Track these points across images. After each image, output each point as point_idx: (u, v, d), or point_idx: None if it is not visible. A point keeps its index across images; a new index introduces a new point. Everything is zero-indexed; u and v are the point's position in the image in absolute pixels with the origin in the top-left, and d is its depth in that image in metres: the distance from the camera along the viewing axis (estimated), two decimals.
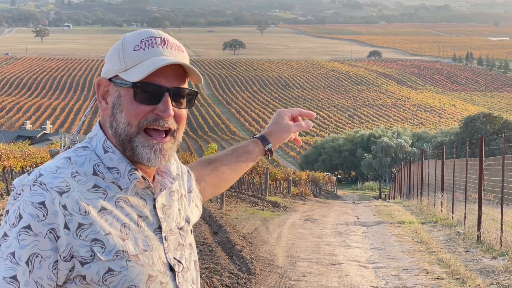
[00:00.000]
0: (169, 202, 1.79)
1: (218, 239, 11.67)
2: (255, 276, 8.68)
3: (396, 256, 10.95)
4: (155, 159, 1.68)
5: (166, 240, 1.72)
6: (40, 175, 1.61)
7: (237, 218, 15.49)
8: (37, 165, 19.78)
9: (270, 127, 2.15)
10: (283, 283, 8.59)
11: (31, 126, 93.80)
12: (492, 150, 30.73)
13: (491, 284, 8.72)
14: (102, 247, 1.59)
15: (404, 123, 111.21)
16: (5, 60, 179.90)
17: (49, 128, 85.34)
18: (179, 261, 1.74)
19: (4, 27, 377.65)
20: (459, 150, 20.66)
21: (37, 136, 69.24)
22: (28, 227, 1.55)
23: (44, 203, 1.56)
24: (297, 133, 2.19)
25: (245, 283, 8.27)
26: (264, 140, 2.14)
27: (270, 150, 2.14)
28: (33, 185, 1.59)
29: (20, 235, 1.55)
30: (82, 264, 1.58)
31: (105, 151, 1.70)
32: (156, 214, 1.72)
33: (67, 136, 35.72)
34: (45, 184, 1.59)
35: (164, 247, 1.71)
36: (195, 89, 1.75)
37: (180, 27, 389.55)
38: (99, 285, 1.59)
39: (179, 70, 1.71)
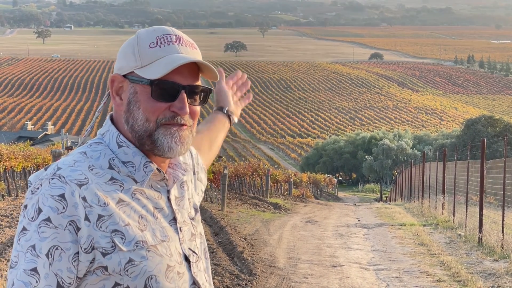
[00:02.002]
0: (181, 193, 1.83)
1: (219, 240, 11.68)
2: (256, 278, 8.68)
3: (397, 258, 10.94)
4: (176, 147, 1.71)
5: (181, 231, 1.75)
6: (59, 168, 1.63)
7: (238, 219, 15.49)
8: (38, 166, 19.78)
9: (216, 100, 2.36)
10: (284, 284, 8.59)
11: (32, 127, 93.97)
12: (494, 153, 30.76)
13: (492, 286, 8.72)
14: (122, 238, 1.61)
15: (405, 125, 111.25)
16: (7, 61, 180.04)
17: (50, 129, 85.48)
18: (193, 252, 1.77)
19: (6, 27, 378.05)
20: (460, 152, 20.66)
21: (39, 137, 69.35)
22: (48, 219, 1.56)
23: (63, 196, 1.58)
24: (244, 93, 2.44)
25: (246, 284, 8.27)
26: (219, 108, 2.33)
27: (228, 112, 2.32)
28: (52, 178, 1.61)
29: (40, 227, 1.56)
30: (104, 255, 1.60)
31: (119, 146, 1.73)
32: (171, 206, 1.76)
33: (69, 136, 35.77)
34: (64, 177, 1.61)
35: (179, 238, 1.74)
36: (210, 86, 1.79)
37: (181, 28, 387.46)
38: (120, 275, 1.61)
39: (194, 68, 1.74)
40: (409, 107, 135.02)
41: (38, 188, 1.61)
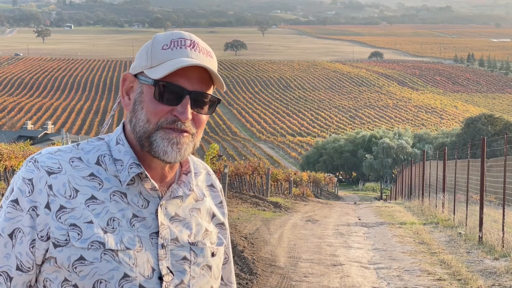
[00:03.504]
0: (185, 215, 1.75)
1: None
2: (257, 277, 8.68)
3: (397, 257, 10.94)
4: (171, 152, 1.66)
5: (163, 247, 1.67)
6: (39, 153, 1.67)
7: (238, 218, 15.49)
8: None
9: None
10: (284, 283, 8.59)
11: (32, 126, 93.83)
12: (494, 151, 30.71)
13: (492, 285, 8.71)
14: (79, 234, 1.59)
15: (405, 124, 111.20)
16: (6, 60, 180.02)
17: (50, 128, 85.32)
18: (171, 272, 1.67)
19: (5, 27, 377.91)
20: (460, 151, 20.65)
21: (39, 136, 69.24)
22: (16, 201, 1.61)
23: (32, 180, 1.61)
24: None
25: (246, 283, 8.27)
26: None
27: None
28: (29, 161, 1.65)
29: (8, 207, 1.61)
30: (55, 246, 1.59)
31: (117, 143, 1.72)
32: (157, 219, 1.69)
33: (69, 136, 35.78)
34: (38, 162, 1.64)
35: (158, 254, 1.66)
36: (218, 96, 1.73)
37: (181, 27, 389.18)
38: (68, 271, 1.59)
39: (205, 75, 1.69)
40: (409, 105, 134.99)
41: (20, 169, 1.66)
